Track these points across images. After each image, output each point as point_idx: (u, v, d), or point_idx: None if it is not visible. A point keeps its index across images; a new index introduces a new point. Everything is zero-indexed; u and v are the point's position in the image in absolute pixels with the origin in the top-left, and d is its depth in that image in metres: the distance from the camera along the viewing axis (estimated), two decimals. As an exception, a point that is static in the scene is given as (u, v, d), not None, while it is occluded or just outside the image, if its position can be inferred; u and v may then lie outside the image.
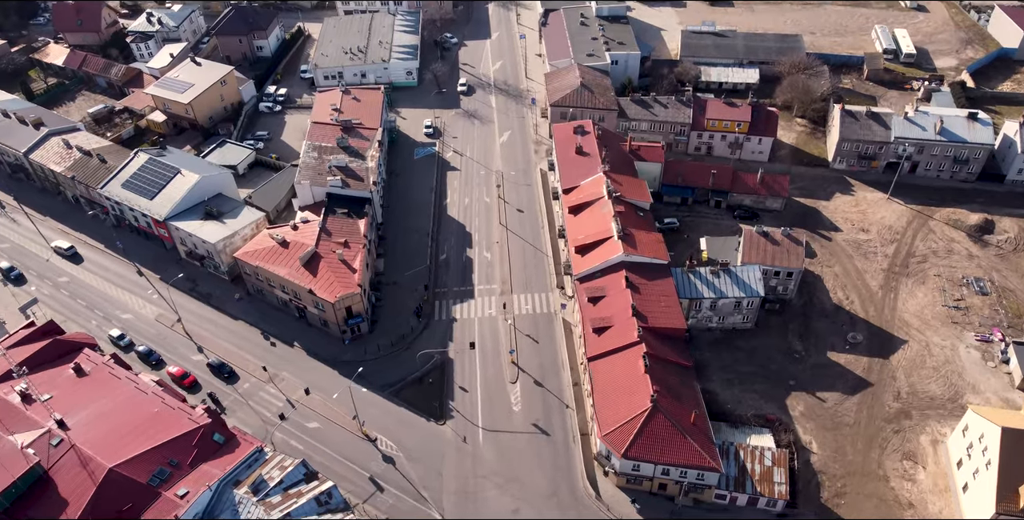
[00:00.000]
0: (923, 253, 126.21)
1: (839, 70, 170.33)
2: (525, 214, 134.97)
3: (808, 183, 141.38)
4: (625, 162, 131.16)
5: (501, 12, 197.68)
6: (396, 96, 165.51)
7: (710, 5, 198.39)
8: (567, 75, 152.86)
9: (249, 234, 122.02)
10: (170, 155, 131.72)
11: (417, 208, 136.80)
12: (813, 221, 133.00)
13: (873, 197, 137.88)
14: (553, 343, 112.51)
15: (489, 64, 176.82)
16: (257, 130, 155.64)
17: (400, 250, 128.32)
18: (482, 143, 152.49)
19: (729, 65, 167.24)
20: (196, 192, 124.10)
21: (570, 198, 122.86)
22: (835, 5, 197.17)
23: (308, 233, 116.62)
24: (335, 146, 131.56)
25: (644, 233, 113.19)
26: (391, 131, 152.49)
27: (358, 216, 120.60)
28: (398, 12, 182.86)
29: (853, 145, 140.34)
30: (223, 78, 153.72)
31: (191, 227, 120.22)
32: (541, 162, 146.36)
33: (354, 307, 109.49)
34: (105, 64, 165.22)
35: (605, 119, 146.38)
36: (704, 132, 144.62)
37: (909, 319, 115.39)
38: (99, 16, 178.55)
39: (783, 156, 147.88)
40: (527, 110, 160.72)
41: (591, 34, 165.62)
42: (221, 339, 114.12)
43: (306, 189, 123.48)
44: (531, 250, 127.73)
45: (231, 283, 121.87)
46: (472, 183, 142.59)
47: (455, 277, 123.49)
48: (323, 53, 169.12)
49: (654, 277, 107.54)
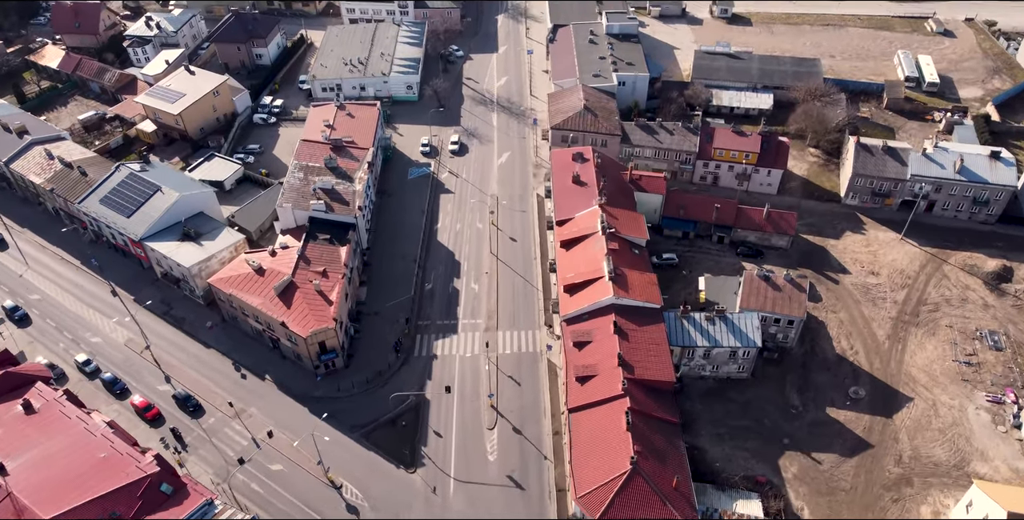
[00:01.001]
0: (935, 301, 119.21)
1: (857, 97, 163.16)
2: (518, 243, 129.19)
3: (817, 219, 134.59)
4: (624, 193, 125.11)
5: (510, 24, 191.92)
6: (395, 111, 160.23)
7: (727, 24, 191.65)
8: (571, 96, 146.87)
9: (227, 257, 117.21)
10: (153, 170, 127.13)
11: (406, 232, 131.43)
12: (820, 261, 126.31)
13: (885, 237, 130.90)
14: (536, 386, 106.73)
15: (494, 79, 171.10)
16: (249, 143, 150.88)
17: (385, 277, 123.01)
18: (480, 164, 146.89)
19: (742, 89, 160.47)
20: (175, 211, 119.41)
21: (563, 231, 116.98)
22: (858, 28, 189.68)
23: (286, 260, 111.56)
24: (322, 166, 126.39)
25: (637, 274, 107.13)
26: (386, 149, 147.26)
27: (340, 243, 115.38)
28: (403, 22, 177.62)
29: (867, 181, 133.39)
30: (216, 88, 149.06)
31: (166, 249, 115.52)
32: (539, 187, 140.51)
33: (328, 342, 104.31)
34: (99, 69, 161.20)
35: (607, 144, 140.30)
36: (711, 161, 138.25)
37: (916, 374, 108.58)
38: (97, 18, 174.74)
39: (793, 188, 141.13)
40: (529, 130, 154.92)
41: (599, 53, 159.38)
42: (190, 368, 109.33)
43: (288, 212, 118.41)
44: (521, 283, 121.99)
45: (207, 308, 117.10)
46: (465, 207, 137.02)
47: (439, 309, 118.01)
48: (322, 64, 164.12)
49: (645, 322, 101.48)
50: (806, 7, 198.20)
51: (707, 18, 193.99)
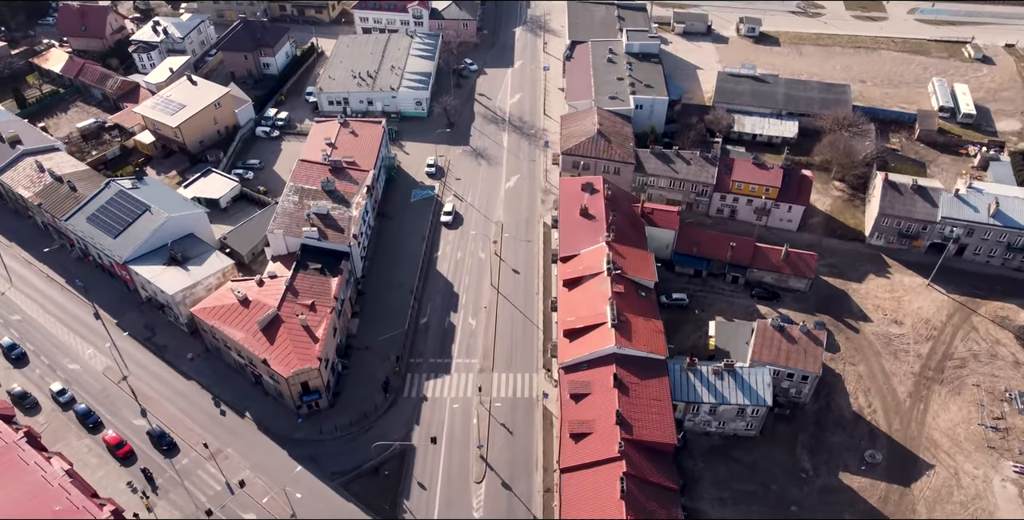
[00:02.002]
0: (962, 356, 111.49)
1: (887, 126, 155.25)
2: (520, 276, 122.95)
3: (839, 259, 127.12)
4: (634, 227, 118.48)
5: (528, 37, 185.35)
6: (403, 127, 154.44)
7: (754, 43, 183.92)
8: (584, 120, 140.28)
9: (214, 284, 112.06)
10: (144, 187, 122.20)
11: (404, 259, 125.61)
12: (840, 307, 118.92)
13: (911, 282, 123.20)
14: (529, 437, 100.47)
15: (507, 96, 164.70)
16: (249, 158, 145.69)
17: (379, 308, 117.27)
18: (486, 187, 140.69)
19: (766, 115, 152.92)
20: (163, 233, 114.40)
21: (567, 268, 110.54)
22: (891, 51, 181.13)
23: (273, 291, 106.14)
24: (319, 189, 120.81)
25: (643, 320, 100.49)
26: (390, 168, 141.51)
27: (332, 273, 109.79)
28: (416, 34, 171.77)
29: (894, 221, 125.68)
30: (218, 100, 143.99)
31: (151, 273, 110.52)
32: (546, 215, 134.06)
33: (311, 382, 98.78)
34: (101, 75, 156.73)
35: (620, 172, 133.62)
36: (729, 194, 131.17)
37: (938, 438, 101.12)
38: (104, 21, 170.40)
39: (814, 225, 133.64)
40: (539, 152, 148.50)
41: (617, 73, 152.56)
42: (168, 401, 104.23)
43: (279, 239, 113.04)
44: (520, 320, 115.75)
45: (190, 336, 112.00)
46: (468, 234, 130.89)
47: (433, 346, 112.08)
48: (330, 76, 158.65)
49: (648, 375, 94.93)
50: (838, 27, 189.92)
51: (733, 37, 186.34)
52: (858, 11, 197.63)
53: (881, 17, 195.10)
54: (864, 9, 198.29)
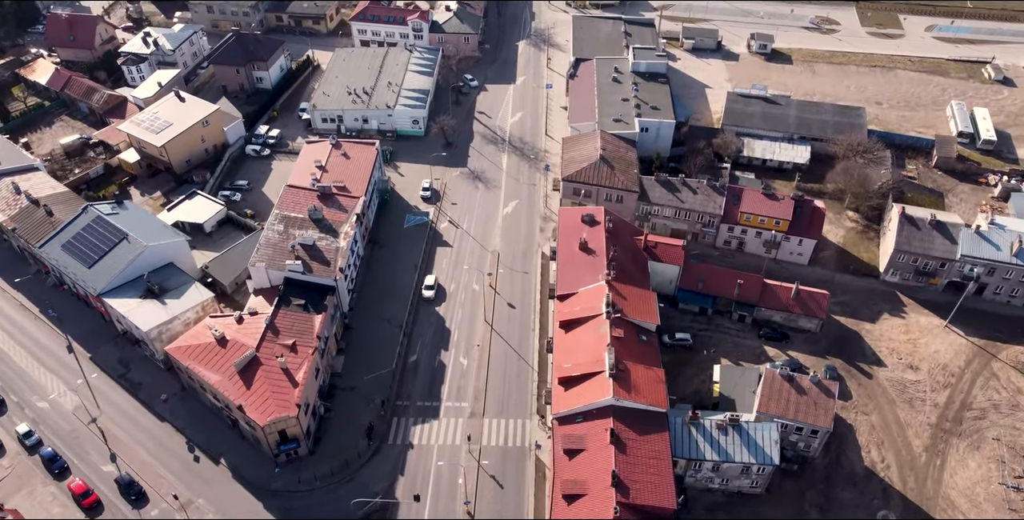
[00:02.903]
0: (982, 406, 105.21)
1: (904, 152, 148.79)
2: (516, 311, 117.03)
3: (852, 297, 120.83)
4: (636, 263, 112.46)
5: (531, 52, 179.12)
6: (398, 147, 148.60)
7: (765, 61, 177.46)
8: (587, 143, 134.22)
9: (193, 318, 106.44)
10: (124, 212, 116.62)
11: (395, 290, 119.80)
12: (852, 349, 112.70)
13: (928, 323, 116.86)
14: (520, 491, 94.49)
15: (508, 115, 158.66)
16: (237, 178, 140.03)
17: (366, 344, 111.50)
18: (483, 213, 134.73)
19: (777, 139, 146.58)
20: (140, 263, 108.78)
21: (564, 308, 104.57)
22: (908, 71, 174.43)
23: (252, 330, 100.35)
24: (306, 218, 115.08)
25: (643, 369, 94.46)
26: (383, 192, 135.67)
27: (316, 309, 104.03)
28: (415, 48, 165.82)
29: (910, 258, 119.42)
30: (206, 118, 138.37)
31: (125, 307, 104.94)
32: (545, 244, 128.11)
33: (289, 431, 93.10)
34: (88, 88, 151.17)
35: (623, 200, 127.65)
36: (736, 226, 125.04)
37: (956, 498, 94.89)
38: (93, 32, 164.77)
39: (826, 258, 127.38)
40: (540, 176, 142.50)
41: (622, 94, 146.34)
42: (139, 445, 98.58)
43: (261, 272, 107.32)
44: (515, 359, 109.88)
45: (167, 372, 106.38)
46: (463, 264, 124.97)
47: (422, 387, 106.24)
48: (325, 92, 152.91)
49: (647, 430, 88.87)
50: (853, 45, 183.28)
51: (744, 54, 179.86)
52: (873, 28, 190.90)
53: (897, 34, 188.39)
54: (880, 25, 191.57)
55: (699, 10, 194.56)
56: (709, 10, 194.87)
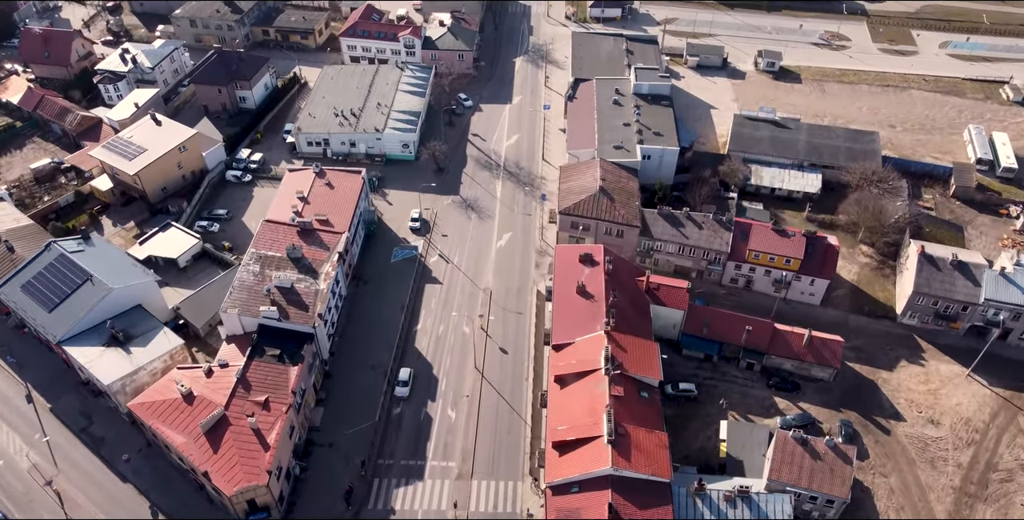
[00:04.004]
0: (1009, 467, 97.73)
1: (920, 180, 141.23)
2: (508, 357, 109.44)
3: (867, 341, 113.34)
4: (638, 308, 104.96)
5: (529, 69, 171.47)
6: (387, 172, 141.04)
7: (773, 79, 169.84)
8: (585, 173, 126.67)
9: (160, 367, 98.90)
10: (90, 250, 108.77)
11: (380, 332, 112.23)
12: (869, 400, 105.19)
13: (948, 371, 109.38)
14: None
15: (504, 137, 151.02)
16: (216, 207, 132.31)
17: (347, 394, 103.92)
18: (476, 246, 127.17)
19: (786, 166, 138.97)
20: (105, 307, 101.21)
21: (559, 360, 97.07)
22: (922, 91, 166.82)
23: (222, 384, 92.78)
24: (284, 257, 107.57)
25: (644, 433, 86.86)
26: (369, 223, 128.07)
27: (291, 360, 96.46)
28: (407, 66, 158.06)
29: (930, 301, 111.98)
30: (183, 143, 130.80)
31: (86, 357, 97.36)
32: (540, 281, 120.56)
33: (259, 499, 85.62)
34: (61, 109, 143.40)
35: (624, 235, 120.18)
36: (744, 263, 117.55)
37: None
38: (69, 47, 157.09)
39: (839, 298, 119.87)
40: (536, 205, 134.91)
41: (624, 118, 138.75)
42: (99, 508, 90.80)
43: (234, 319, 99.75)
44: (506, 412, 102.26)
45: (132, 426, 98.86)
46: (453, 303, 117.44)
47: (406, 444, 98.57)
48: (310, 113, 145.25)
49: (649, 502, 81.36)
50: (864, 62, 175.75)
51: (751, 71, 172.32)
52: (885, 44, 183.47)
53: (911, 51, 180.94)
54: (892, 42, 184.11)
55: (704, 25, 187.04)
56: (714, 25, 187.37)
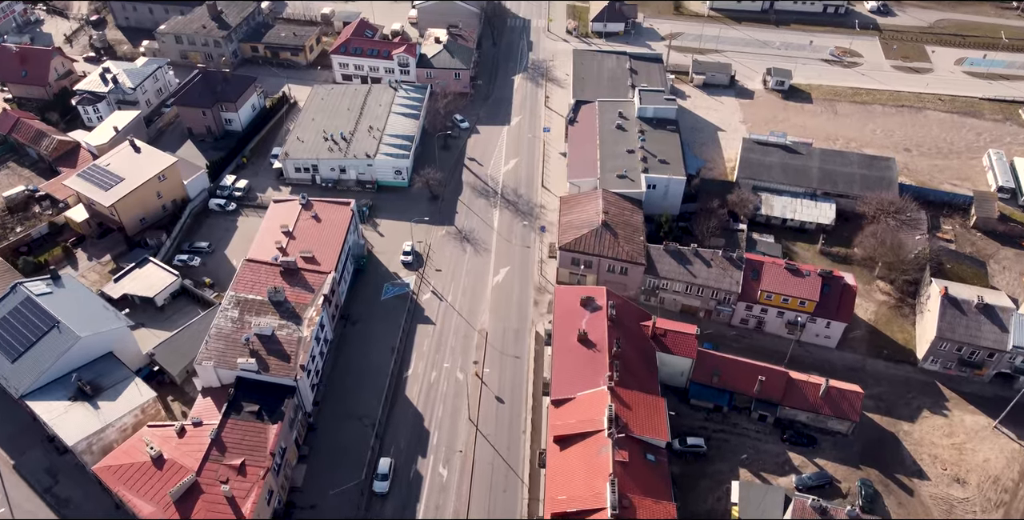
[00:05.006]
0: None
1: (939, 209, 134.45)
2: (505, 407, 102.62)
3: (887, 389, 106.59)
4: (643, 357, 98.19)
5: (528, 87, 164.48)
6: (379, 200, 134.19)
7: (783, 98, 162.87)
8: (587, 205, 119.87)
9: (131, 423, 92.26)
10: (59, 292, 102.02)
11: (368, 379, 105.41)
12: (889, 456, 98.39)
13: (974, 422, 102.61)
14: None
15: (501, 162, 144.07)
16: (197, 239, 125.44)
17: (332, 448, 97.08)
18: (471, 282, 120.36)
19: (798, 195, 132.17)
20: (73, 356, 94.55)
21: (559, 418, 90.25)
22: (938, 111, 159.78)
23: (194, 445, 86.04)
24: (265, 301, 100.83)
25: (651, 504, 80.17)
26: (359, 258, 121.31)
27: (271, 417, 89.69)
28: (401, 86, 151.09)
29: (954, 346, 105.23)
30: (163, 172, 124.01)
31: (51, 413, 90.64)
32: (539, 321, 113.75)
33: (232, 576, 79.15)
34: (36, 133, 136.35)
35: (628, 272, 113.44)
36: (756, 304, 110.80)
37: None
38: (47, 66, 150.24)
39: (856, 340, 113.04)
40: (535, 237, 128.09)
41: (627, 143, 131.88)
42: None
43: (209, 371, 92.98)
44: (502, 471, 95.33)
45: (99, 486, 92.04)
46: (446, 345, 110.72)
47: (394, 507, 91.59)
48: (299, 137, 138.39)
49: (655, 584, 75.03)
50: (877, 80, 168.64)
51: (760, 90, 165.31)
52: (899, 61, 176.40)
53: (925, 68, 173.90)
54: (906, 58, 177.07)
55: (710, 40, 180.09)
56: (721, 40, 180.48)
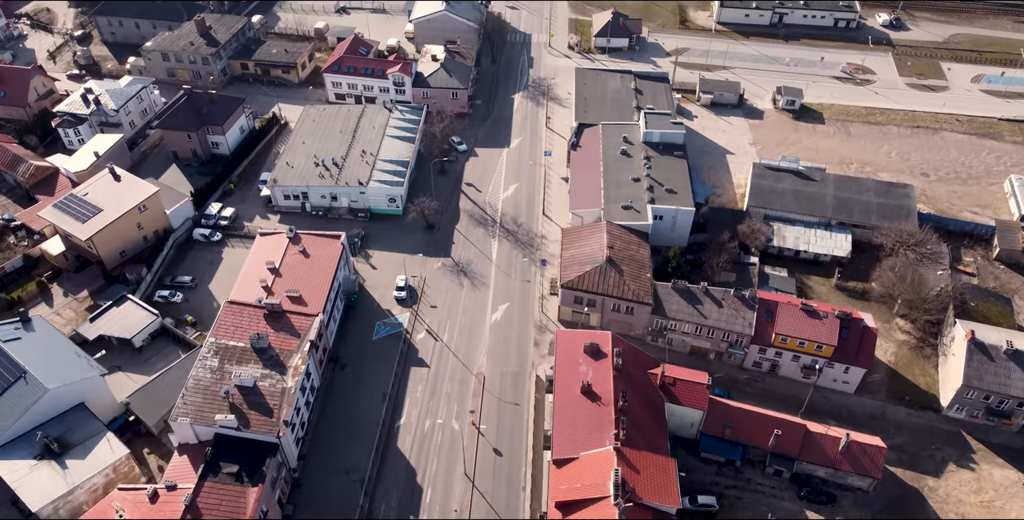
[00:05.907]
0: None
1: (959, 239, 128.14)
2: (503, 461, 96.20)
3: (909, 439, 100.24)
4: (651, 410, 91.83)
5: (529, 107, 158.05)
6: (372, 229, 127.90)
7: (793, 118, 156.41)
8: (590, 239, 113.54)
9: (101, 483, 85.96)
10: (28, 336, 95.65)
11: (358, 428, 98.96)
12: (914, 515, 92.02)
13: (1003, 477, 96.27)
14: None
15: (500, 188, 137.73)
16: (180, 273, 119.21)
17: (318, 506, 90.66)
18: (468, 320, 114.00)
19: (812, 225, 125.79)
20: (41, 409, 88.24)
21: (561, 481, 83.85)
22: (955, 133, 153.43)
23: (168, 512, 79.71)
24: (247, 347, 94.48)
25: (660, 582, 74.19)
26: (350, 294, 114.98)
27: (251, 479, 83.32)
28: (396, 107, 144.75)
29: (981, 395, 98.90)
30: (144, 202, 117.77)
31: (14, 473, 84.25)
32: (540, 364, 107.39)
33: None
34: (13, 158, 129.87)
35: (635, 312, 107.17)
36: (770, 347, 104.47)
37: None
38: (27, 86, 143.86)
39: (875, 384, 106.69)
40: (536, 271, 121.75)
41: (632, 171, 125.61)
42: None
43: (186, 428, 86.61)
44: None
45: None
46: (441, 391, 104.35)
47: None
48: (288, 162, 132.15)
49: None
50: (891, 99, 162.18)
51: (769, 110, 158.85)
52: (913, 78, 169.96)
53: (941, 86, 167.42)
54: (920, 76, 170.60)
55: (717, 56, 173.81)
56: (729, 56, 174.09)
